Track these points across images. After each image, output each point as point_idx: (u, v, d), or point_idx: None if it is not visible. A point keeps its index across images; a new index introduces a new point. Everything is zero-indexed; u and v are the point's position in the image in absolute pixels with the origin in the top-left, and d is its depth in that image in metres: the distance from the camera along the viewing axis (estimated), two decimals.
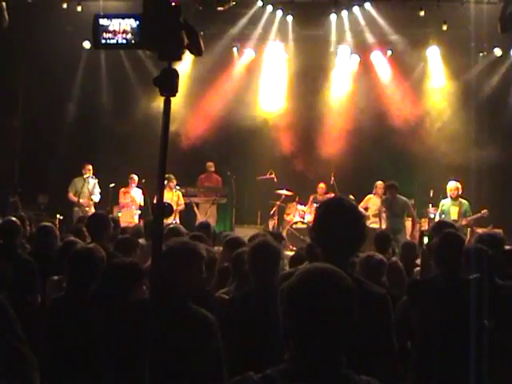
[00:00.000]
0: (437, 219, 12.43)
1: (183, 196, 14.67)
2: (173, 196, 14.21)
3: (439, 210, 12.99)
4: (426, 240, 6.74)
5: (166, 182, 12.80)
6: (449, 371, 4.63)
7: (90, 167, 14.36)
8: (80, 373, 4.33)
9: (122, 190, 14.63)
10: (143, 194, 14.60)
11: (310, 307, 2.30)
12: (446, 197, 12.89)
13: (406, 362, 4.98)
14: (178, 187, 14.40)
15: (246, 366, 2.46)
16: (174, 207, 13.99)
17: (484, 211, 12.65)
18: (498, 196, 14.24)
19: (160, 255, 2.98)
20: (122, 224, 10.99)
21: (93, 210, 13.56)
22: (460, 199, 12.74)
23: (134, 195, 14.58)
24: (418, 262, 7.45)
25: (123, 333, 3.81)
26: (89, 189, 14.20)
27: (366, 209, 14.07)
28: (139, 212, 14.40)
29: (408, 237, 12.66)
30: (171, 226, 7.04)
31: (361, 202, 14.03)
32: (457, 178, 12.96)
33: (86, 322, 4.39)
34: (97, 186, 14.44)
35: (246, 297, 4.56)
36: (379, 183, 14.07)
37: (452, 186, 12.76)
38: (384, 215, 13.35)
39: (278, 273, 4.42)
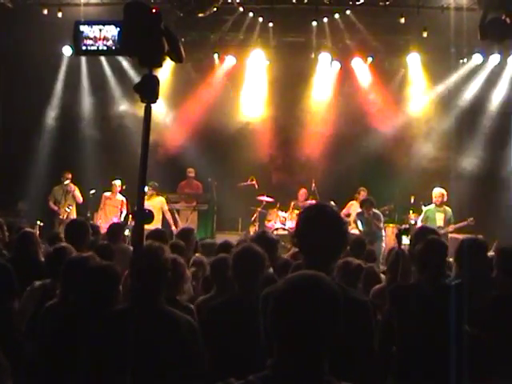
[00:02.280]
0: (418, 225, 12.44)
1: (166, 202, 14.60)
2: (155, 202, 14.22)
3: (422, 216, 13.02)
4: (404, 239, 6.52)
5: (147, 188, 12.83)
6: (430, 377, 4.63)
7: (69, 175, 14.30)
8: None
9: (104, 195, 14.51)
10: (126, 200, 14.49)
11: (295, 314, 2.28)
12: (430, 203, 12.95)
13: (390, 367, 4.97)
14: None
15: (227, 372, 2.45)
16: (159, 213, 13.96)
17: (470, 219, 12.73)
18: (478, 202, 14.33)
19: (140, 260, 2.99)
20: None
21: (73, 217, 13.52)
22: (444, 206, 12.82)
23: (116, 202, 14.47)
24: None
25: (101, 341, 3.81)
26: (66, 197, 14.13)
27: (348, 215, 14.10)
28: (122, 219, 14.32)
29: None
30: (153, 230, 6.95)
31: (342, 208, 14.06)
32: (441, 185, 13.05)
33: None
34: (77, 192, 14.38)
35: (228, 302, 4.54)
36: (362, 189, 14.13)
37: (437, 192, 12.82)
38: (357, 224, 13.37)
39: (261, 278, 4.42)
